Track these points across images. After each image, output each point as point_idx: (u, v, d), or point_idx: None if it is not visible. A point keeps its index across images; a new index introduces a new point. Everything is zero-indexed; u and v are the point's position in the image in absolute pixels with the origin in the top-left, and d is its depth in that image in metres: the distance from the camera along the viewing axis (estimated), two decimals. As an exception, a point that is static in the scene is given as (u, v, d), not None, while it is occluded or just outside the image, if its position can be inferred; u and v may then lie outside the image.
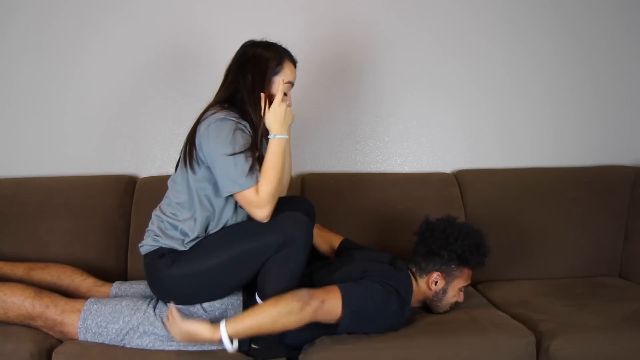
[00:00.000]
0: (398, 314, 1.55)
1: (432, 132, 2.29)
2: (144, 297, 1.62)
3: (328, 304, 1.43)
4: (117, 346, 1.49)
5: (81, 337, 1.49)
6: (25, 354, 1.42)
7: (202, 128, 1.47)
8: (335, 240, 1.88)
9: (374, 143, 2.27)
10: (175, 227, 1.52)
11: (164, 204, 1.60)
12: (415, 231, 1.75)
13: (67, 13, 2.09)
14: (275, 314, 1.37)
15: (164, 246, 1.52)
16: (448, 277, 1.69)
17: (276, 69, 1.53)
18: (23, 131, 2.12)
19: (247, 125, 1.52)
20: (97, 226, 1.94)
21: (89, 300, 1.54)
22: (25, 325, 1.51)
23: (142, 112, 2.16)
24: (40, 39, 2.09)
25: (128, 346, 1.48)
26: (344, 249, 1.84)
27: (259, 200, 1.45)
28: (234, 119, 1.48)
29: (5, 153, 2.12)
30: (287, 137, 1.53)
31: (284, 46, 1.59)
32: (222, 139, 1.44)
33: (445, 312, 1.72)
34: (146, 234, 1.59)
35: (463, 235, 1.67)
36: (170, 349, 1.48)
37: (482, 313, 1.70)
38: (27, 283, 1.68)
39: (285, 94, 1.55)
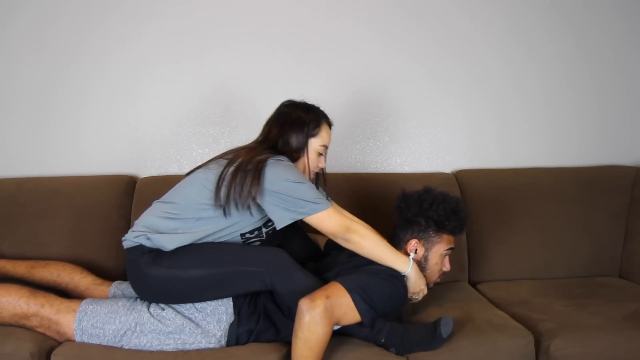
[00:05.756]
0: (397, 281, 1.54)
1: (432, 132, 2.29)
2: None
3: (333, 297, 1.40)
4: (115, 347, 1.48)
5: (77, 339, 1.48)
6: (25, 354, 1.41)
7: (268, 166, 1.51)
8: (321, 241, 1.90)
9: (374, 143, 2.27)
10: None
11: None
12: (393, 205, 1.73)
13: (67, 13, 2.10)
14: (304, 342, 1.36)
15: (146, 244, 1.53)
16: (427, 243, 1.66)
17: (314, 131, 1.64)
18: (23, 131, 2.12)
19: None
20: (97, 226, 1.94)
21: (84, 301, 1.53)
22: (21, 327, 1.50)
23: (142, 112, 2.16)
24: (40, 39, 2.10)
25: (126, 347, 1.47)
26: (329, 248, 1.85)
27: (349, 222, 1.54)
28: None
29: (5, 153, 2.12)
30: (408, 270, 1.58)
31: (321, 108, 1.69)
32: (294, 173, 1.53)
33: (436, 283, 1.70)
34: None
35: (438, 201, 1.65)
36: (168, 347, 1.48)
37: (482, 313, 1.70)
38: (28, 281, 1.70)
39: (320, 154, 1.67)
